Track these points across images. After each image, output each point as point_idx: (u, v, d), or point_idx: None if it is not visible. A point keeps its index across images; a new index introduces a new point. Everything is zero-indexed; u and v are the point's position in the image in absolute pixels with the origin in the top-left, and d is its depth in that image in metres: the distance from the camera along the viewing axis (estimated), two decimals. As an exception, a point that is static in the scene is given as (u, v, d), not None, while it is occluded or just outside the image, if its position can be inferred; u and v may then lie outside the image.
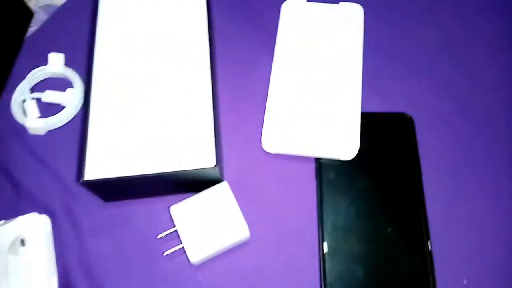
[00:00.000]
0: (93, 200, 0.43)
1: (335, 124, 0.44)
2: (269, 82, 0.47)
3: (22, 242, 0.39)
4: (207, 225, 0.39)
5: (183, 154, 0.39)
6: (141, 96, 0.42)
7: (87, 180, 0.38)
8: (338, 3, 0.50)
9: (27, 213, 0.42)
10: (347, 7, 0.50)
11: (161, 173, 0.38)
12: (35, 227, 0.40)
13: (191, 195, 0.41)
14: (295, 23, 0.50)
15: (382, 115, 0.45)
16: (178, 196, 0.42)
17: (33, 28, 0.52)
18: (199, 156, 0.39)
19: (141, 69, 0.43)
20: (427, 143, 0.44)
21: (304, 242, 0.41)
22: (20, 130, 0.47)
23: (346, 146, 0.43)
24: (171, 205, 0.41)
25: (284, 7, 0.51)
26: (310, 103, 0.45)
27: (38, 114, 0.47)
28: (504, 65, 0.49)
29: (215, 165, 0.38)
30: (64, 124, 0.47)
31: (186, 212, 0.40)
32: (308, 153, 0.43)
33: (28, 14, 0.53)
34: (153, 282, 0.40)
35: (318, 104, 0.45)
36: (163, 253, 0.40)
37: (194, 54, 0.44)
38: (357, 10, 0.50)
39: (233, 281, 0.40)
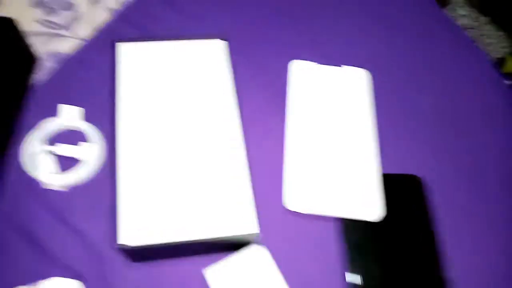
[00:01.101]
0: (120, 260, 0.43)
1: (357, 185, 0.47)
2: (283, 138, 0.49)
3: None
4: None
5: (222, 219, 0.39)
6: (172, 155, 0.41)
7: (122, 245, 0.38)
8: (339, 66, 0.54)
9: (50, 275, 0.40)
10: (353, 71, 0.54)
11: (200, 239, 0.38)
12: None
13: (222, 255, 0.42)
14: (304, 82, 0.52)
15: (393, 176, 0.49)
16: (208, 256, 0.43)
17: (42, 76, 0.51)
18: (239, 222, 0.39)
19: (169, 126, 0.42)
20: (433, 200, 0.49)
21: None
22: (34, 184, 0.45)
23: (372, 207, 0.46)
24: (201, 264, 0.41)
25: (291, 65, 0.54)
26: (327, 163, 0.48)
27: (54, 169, 0.46)
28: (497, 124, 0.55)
29: (257, 232, 0.39)
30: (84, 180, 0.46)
31: (221, 274, 0.40)
32: (335, 213, 0.46)
33: (32, 59, 0.51)
34: None
35: (335, 164, 0.48)
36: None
37: (222, 107, 0.44)
38: (364, 75, 0.54)
39: None
